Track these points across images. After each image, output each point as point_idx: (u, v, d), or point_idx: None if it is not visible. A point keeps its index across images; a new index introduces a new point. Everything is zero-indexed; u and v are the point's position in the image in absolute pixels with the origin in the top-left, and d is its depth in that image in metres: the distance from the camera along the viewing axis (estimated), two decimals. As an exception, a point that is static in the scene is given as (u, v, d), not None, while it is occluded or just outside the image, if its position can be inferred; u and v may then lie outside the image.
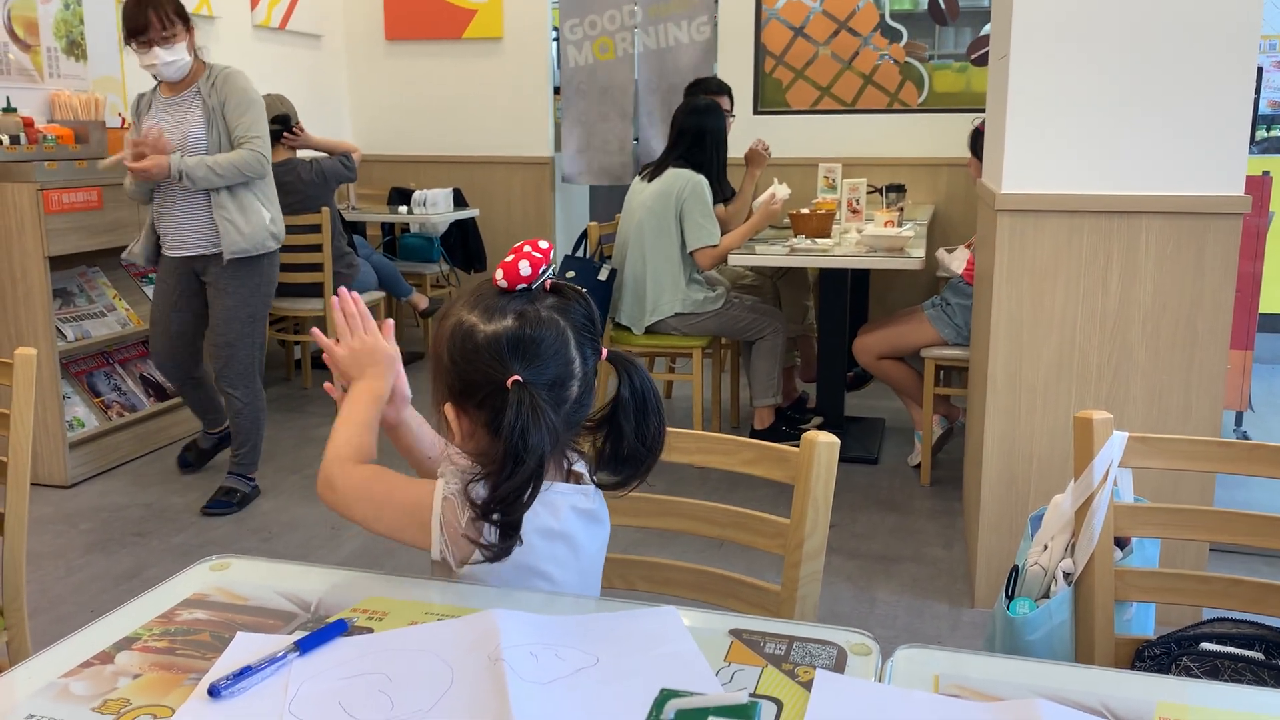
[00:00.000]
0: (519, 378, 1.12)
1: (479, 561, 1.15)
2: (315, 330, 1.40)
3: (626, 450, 1.20)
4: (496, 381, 1.13)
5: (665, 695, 0.70)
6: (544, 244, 1.18)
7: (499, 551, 1.13)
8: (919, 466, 3.76)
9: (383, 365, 1.30)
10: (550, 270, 1.19)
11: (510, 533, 1.12)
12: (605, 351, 1.22)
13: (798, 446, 1.32)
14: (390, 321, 1.34)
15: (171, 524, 3.35)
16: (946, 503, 3.52)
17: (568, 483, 1.24)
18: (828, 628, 1.06)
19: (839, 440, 1.31)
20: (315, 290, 4.53)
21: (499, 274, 1.17)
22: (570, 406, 1.17)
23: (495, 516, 1.11)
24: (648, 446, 1.21)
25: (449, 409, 1.18)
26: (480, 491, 1.12)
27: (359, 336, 1.30)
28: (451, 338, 1.18)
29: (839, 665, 0.98)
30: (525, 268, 1.16)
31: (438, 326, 1.24)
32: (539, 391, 1.12)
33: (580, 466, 1.27)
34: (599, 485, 1.25)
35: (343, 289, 1.36)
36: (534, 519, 1.18)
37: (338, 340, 1.33)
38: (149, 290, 4.21)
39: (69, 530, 3.30)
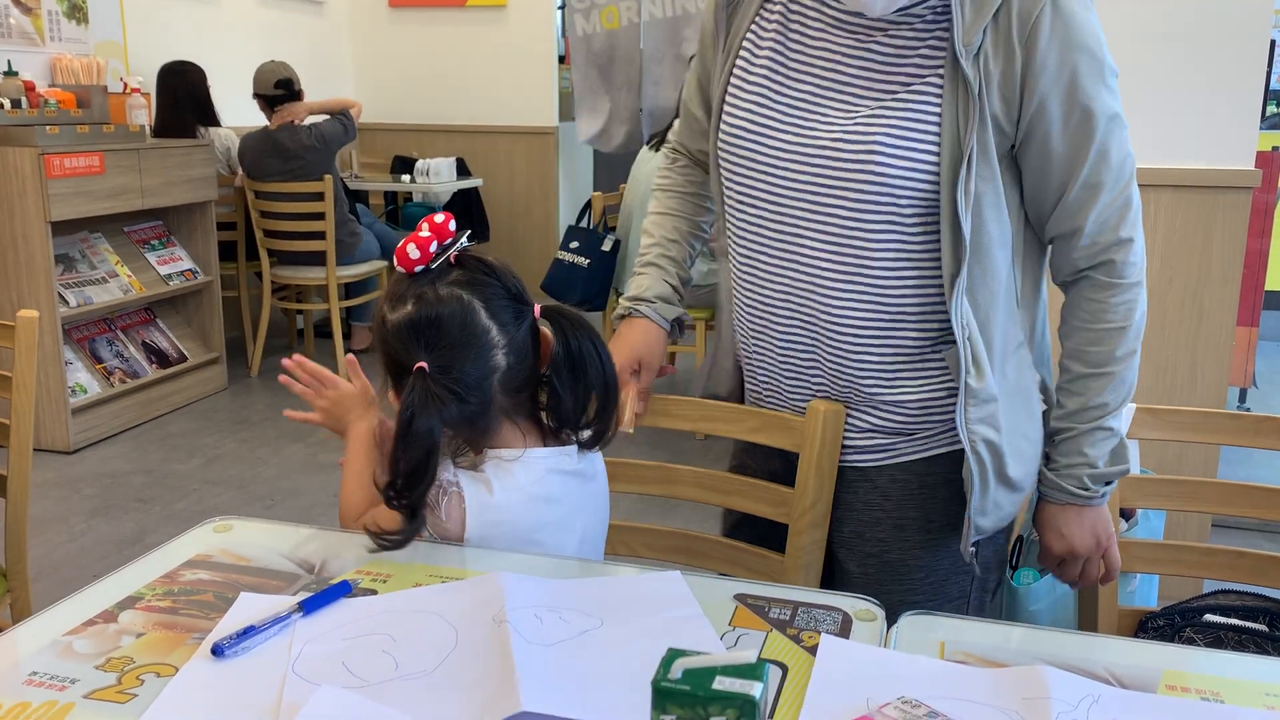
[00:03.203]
0: (423, 364, 1.11)
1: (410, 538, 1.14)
2: (287, 412, 1.36)
3: (564, 409, 1.19)
4: (408, 368, 1.12)
5: (672, 655, 0.70)
6: (439, 218, 1.15)
7: (398, 541, 1.12)
8: None
9: (360, 408, 1.29)
10: (454, 243, 1.15)
11: (411, 517, 1.12)
12: (538, 307, 1.19)
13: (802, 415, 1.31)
14: (351, 357, 1.33)
15: (173, 490, 3.36)
16: (948, 476, 3.51)
17: (548, 445, 1.22)
18: (833, 594, 1.05)
19: (843, 409, 1.30)
20: (318, 259, 4.52)
21: (395, 260, 1.16)
22: (503, 375, 1.15)
23: (402, 502, 1.11)
24: (584, 404, 1.19)
25: (391, 395, 1.18)
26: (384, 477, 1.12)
27: (323, 394, 1.31)
28: (376, 327, 1.18)
29: (844, 631, 0.98)
30: (413, 251, 1.13)
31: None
32: (443, 377, 1.11)
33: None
34: (579, 444, 1.24)
35: (285, 361, 1.34)
36: (514, 486, 1.17)
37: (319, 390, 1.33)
38: (152, 257, 4.19)
39: (71, 496, 3.30)
